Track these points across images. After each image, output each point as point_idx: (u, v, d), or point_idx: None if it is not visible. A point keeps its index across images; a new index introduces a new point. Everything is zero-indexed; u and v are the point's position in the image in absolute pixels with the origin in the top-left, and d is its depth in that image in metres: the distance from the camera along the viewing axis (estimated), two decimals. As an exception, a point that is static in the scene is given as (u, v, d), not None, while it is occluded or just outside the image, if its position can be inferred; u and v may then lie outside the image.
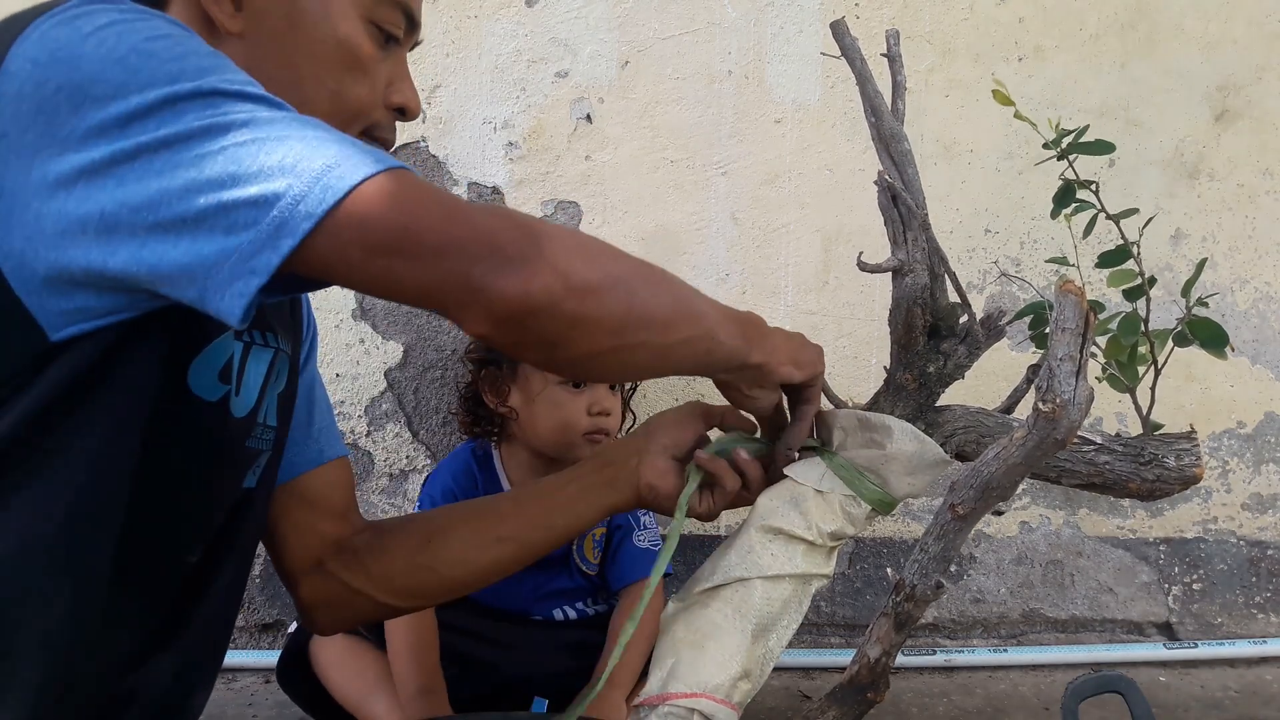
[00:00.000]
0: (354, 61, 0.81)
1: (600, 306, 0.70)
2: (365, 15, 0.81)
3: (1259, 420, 1.84)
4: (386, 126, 0.86)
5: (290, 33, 0.79)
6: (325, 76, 0.80)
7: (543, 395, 1.48)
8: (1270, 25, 1.77)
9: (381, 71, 0.84)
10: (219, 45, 0.78)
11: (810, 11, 1.73)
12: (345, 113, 0.82)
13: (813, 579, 0.91)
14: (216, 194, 0.62)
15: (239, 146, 0.62)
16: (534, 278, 0.65)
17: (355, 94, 0.82)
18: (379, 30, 0.82)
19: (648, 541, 1.54)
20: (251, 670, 1.68)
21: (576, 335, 0.70)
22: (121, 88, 0.62)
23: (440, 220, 0.64)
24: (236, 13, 0.78)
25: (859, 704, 0.92)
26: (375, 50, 0.82)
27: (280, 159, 0.62)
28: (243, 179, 0.62)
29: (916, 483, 0.91)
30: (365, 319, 1.75)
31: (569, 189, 1.74)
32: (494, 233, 0.65)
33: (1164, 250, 1.79)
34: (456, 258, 0.64)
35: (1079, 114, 1.74)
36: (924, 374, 0.96)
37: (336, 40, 0.80)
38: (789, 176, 1.75)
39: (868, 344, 1.78)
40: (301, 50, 0.79)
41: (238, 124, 0.63)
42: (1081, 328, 0.76)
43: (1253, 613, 1.85)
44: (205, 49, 0.67)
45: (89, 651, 0.73)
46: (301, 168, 0.62)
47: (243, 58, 0.77)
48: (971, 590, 1.83)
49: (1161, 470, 0.89)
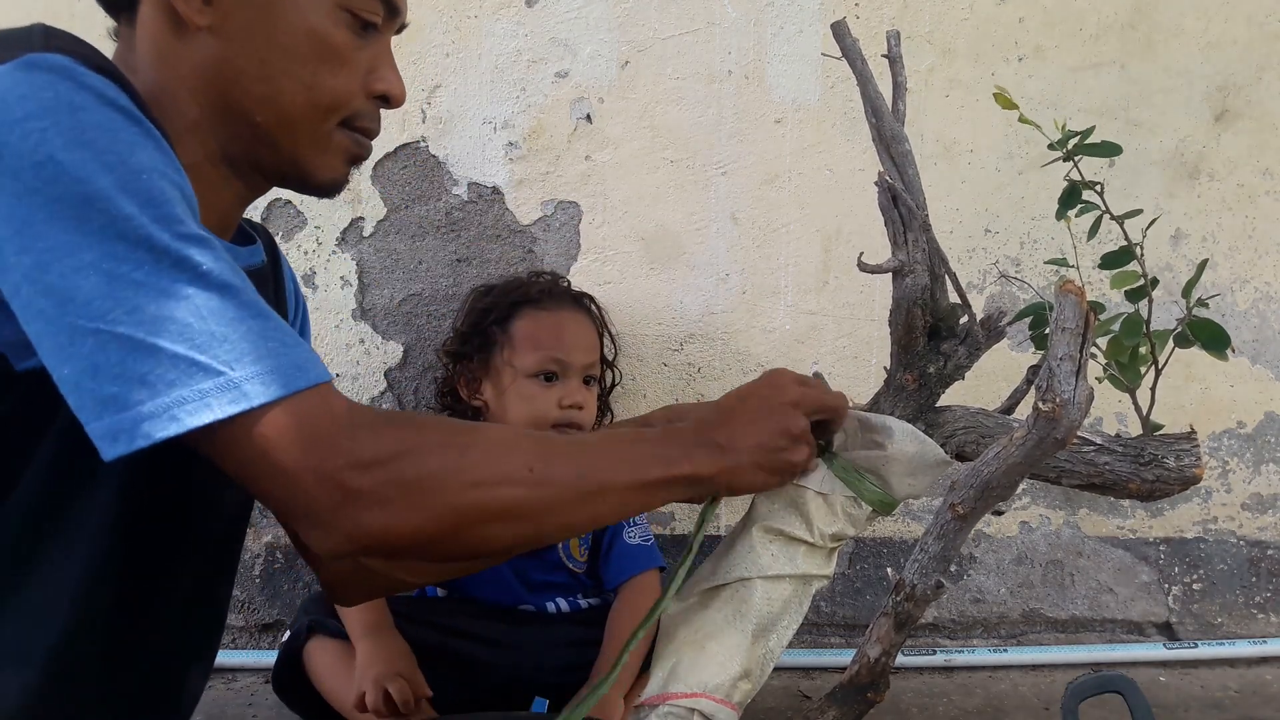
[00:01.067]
0: (328, 52, 0.79)
1: (449, 546, 0.70)
2: (339, 2, 0.79)
3: (1259, 420, 1.84)
4: (369, 115, 0.85)
5: (261, 25, 0.77)
6: (299, 69, 0.79)
7: (513, 388, 1.48)
8: (1270, 25, 1.77)
9: (361, 60, 0.82)
10: (186, 41, 0.77)
11: (810, 11, 1.73)
12: (322, 105, 0.80)
13: (813, 579, 0.91)
14: (154, 333, 0.61)
15: (168, 299, 0.62)
16: (356, 539, 0.66)
17: (331, 85, 0.80)
18: (355, 18, 0.80)
19: (639, 537, 1.54)
20: (251, 670, 1.68)
21: (447, 555, 0.72)
22: (50, 191, 0.61)
23: (297, 465, 0.64)
24: (205, 6, 0.77)
25: (859, 704, 0.92)
26: (352, 38, 0.81)
27: (205, 333, 0.62)
28: (166, 336, 0.61)
29: (917, 484, 0.91)
30: (365, 319, 1.75)
31: (569, 189, 1.74)
32: (326, 490, 0.65)
33: (1164, 250, 1.79)
34: (293, 506, 0.66)
35: (1079, 114, 1.74)
36: (924, 374, 0.96)
37: (308, 30, 0.78)
38: (789, 176, 1.75)
39: (868, 344, 1.78)
40: (273, 43, 0.78)
41: (184, 276, 0.62)
42: (1081, 328, 0.76)
43: (1253, 613, 1.85)
44: (137, 161, 0.64)
45: (90, 634, 0.75)
46: (220, 356, 0.62)
47: (212, 53, 0.77)
48: (971, 590, 1.83)
49: (1161, 471, 0.89)
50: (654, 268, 1.76)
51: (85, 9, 0.88)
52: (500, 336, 1.51)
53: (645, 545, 1.55)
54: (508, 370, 1.49)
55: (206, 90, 0.79)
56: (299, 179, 0.84)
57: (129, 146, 0.64)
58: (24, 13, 1.47)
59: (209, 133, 0.80)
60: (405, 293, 1.75)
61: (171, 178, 0.66)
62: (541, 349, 1.48)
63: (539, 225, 1.75)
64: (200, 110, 0.79)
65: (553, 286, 1.59)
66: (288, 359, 0.65)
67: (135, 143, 0.65)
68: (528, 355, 1.48)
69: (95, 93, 0.65)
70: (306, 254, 1.72)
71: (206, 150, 0.80)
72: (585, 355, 1.51)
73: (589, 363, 1.52)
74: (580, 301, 1.59)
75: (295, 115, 0.80)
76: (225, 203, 0.84)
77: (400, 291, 1.75)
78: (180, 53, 0.78)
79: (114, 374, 0.61)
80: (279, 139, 0.81)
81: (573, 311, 1.55)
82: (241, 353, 0.63)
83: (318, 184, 0.85)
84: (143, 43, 0.80)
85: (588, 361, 1.51)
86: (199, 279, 0.63)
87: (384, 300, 1.75)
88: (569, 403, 1.47)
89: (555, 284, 1.61)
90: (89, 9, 0.84)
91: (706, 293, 1.77)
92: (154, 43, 0.79)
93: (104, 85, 0.66)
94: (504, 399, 1.49)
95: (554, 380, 1.48)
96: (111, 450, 0.61)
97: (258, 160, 0.82)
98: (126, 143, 0.64)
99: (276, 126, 0.80)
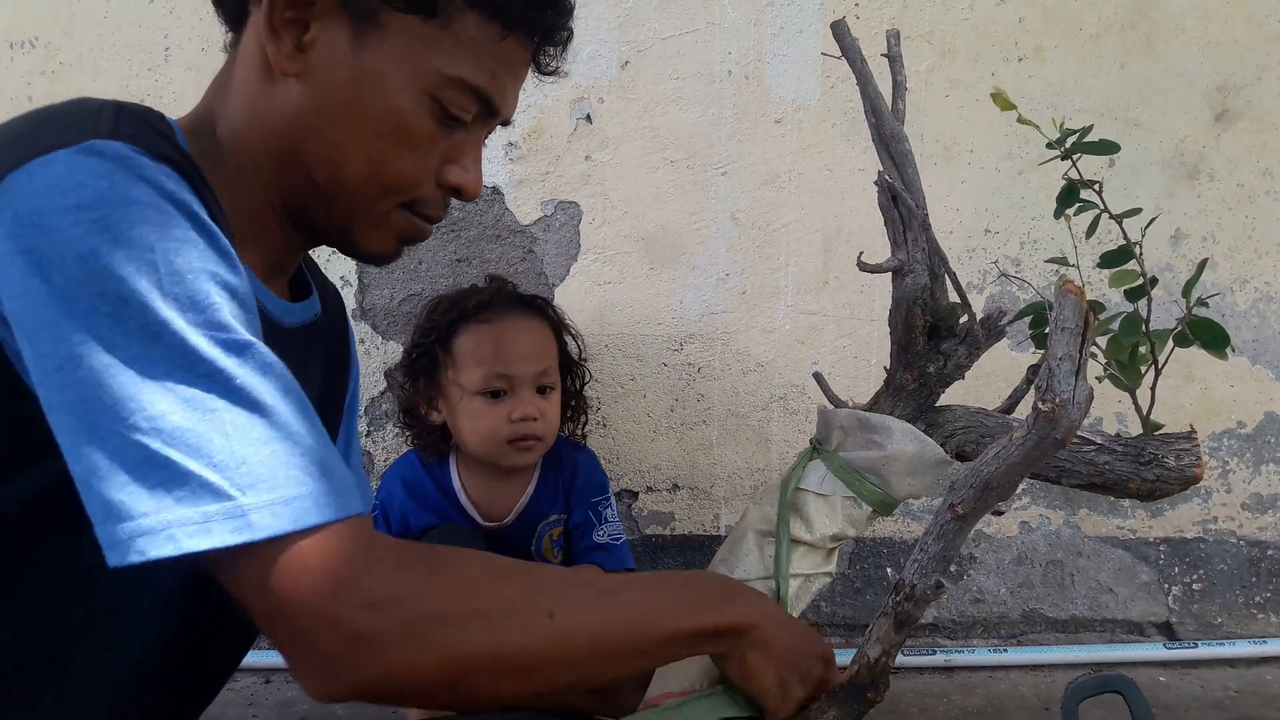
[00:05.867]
0: (404, 135, 0.77)
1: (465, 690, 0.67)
2: (429, 90, 0.76)
3: (1259, 420, 1.84)
4: (433, 203, 0.82)
5: (345, 89, 0.75)
6: (369, 143, 0.77)
7: (461, 406, 1.45)
8: (1270, 25, 1.77)
9: (437, 148, 0.79)
10: (273, 83, 0.76)
11: (810, 11, 1.73)
12: (383, 183, 0.78)
13: (814, 579, 0.91)
14: (170, 445, 0.59)
15: (194, 411, 0.60)
16: (344, 688, 0.64)
17: (397, 167, 0.78)
18: (443, 109, 0.77)
19: (608, 536, 1.51)
20: (251, 670, 1.68)
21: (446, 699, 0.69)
22: (90, 290, 0.59)
23: (295, 607, 0.61)
24: (297, 53, 0.75)
25: (859, 704, 0.91)
26: (433, 128, 0.78)
27: (225, 452, 0.59)
28: (183, 449, 0.59)
29: (917, 484, 0.91)
30: (365, 319, 1.75)
31: (569, 189, 1.74)
32: (324, 635, 0.62)
33: (1164, 250, 1.79)
34: (288, 646, 0.64)
35: (1079, 114, 1.73)
36: (924, 374, 0.96)
37: (389, 109, 0.76)
38: (789, 176, 1.75)
39: (868, 344, 1.78)
40: (352, 110, 0.76)
41: (215, 388, 0.60)
42: (1081, 327, 0.76)
43: (1253, 613, 1.85)
44: (185, 261, 0.62)
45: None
46: (235, 479, 0.59)
47: (292, 101, 0.76)
48: (971, 590, 1.83)
49: (1161, 470, 0.88)
50: (654, 268, 1.76)
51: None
52: (443, 356, 1.46)
53: (615, 544, 1.52)
54: (454, 389, 1.45)
55: (280, 137, 0.77)
56: (346, 245, 0.83)
57: (178, 245, 0.62)
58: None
59: (273, 178, 0.79)
60: (405, 293, 1.75)
61: (222, 278, 0.64)
62: (483, 365, 1.43)
63: (539, 225, 1.75)
64: (269, 155, 0.78)
65: (494, 297, 1.50)
66: (307, 490, 0.61)
67: (186, 240, 0.63)
68: (471, 373, 1.43)
69: (153, 185, 0.63)
70: (306, 254, 1.73)
71: (269, 195, 0.79)
72: (533, 364, 1.45)
73: (539, 371, 1.45)
74: (530, 306, 1.51)
75: (354, 186, 0.78)
76: (281, 249, 0.83)
77: (400, 291, 1.75)
78: (265, 92, 0.77)
79: (122, 482, 0.58)
80: (333, 203, 0.79)
81: (518, 320, 1.48)
82: (258, 478, 0.60)
83: (364, 254, 0.84)
84: (239, 70, 0.79)
85: (537, 370, 1.45)
86: (230, 393, 0.61)
87: (384, 300, 1.75)
88: (519, 416, 1.42)
89: (498, 293, 1.52)
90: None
91: (706, 293, 1.77)
92: (246, 75, 0.78)
93: (164, 176, 0.64)
94: (455, 416, 1.46)
95: (501, 396, 1.43)
96: (111, 558, 0.59)
97: (310, 217, 0.81)
98: (176, 240, 0.62)
99: (334, 191, 0.78)
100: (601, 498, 1.54)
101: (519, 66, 0.81)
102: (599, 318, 1.75)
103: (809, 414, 1.78)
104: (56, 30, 1.68)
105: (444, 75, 0.76)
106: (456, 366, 1.45)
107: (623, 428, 1.78)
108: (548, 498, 1.53)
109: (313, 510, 0.61)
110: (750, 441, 1.80)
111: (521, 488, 1.52)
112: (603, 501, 1.54)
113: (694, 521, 1.81)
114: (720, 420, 1.79)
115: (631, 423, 1.79)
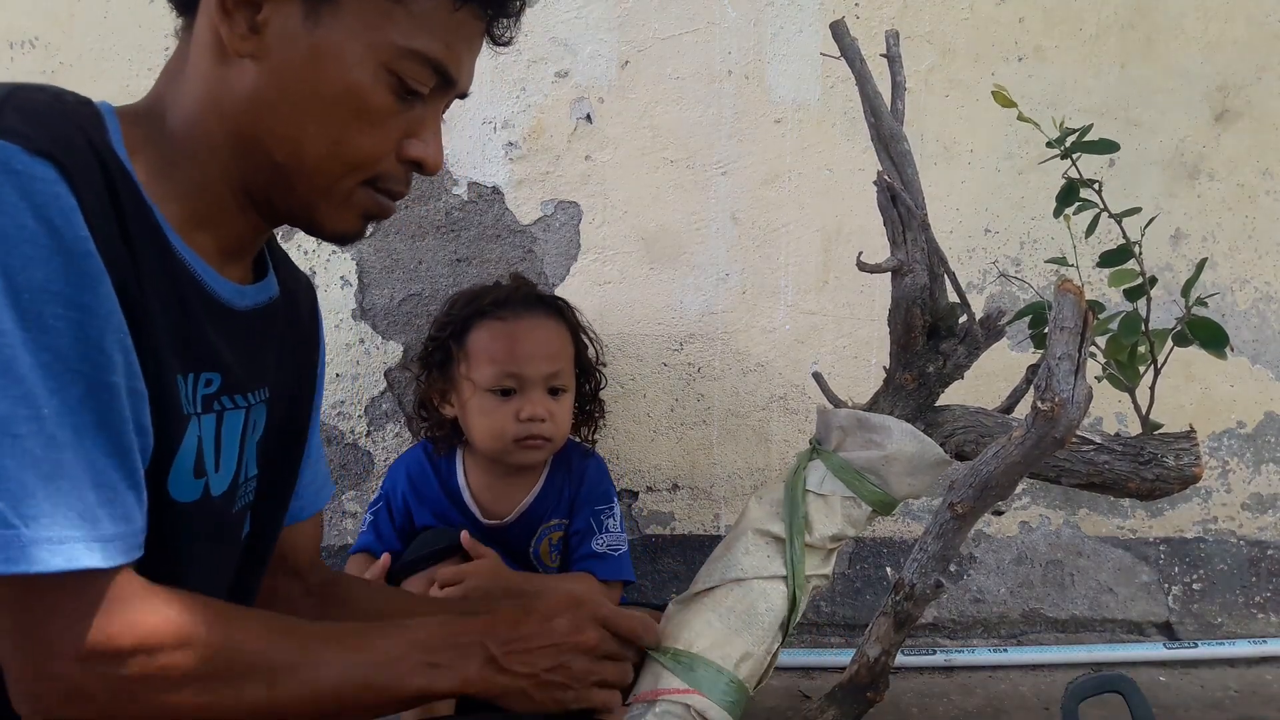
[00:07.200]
0: (363, 110, 0.76)
1: None
2: (385, 64, 0.76)
3: (1259, 420, 1.84)
4: (395, 178, 0.82)
5: (301, 67, 0.75)
6: (329, 121, 0.76)
7: (471, 402, 1.45)
8: (1270, 25, 1.77)
9: (396, 123, 0.79)
10: (227, 65, 0.76)
11: (810, 11, 1.73)
12: (344, 161, 0.78)
13: (812, 579, 0.91)
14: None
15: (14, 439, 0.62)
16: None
17: (358, 144, 0.77)
18: (400, 82, 0.77)
19: (606, 545, 1.51)
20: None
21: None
22: None
23: (36, 655, 0.65)
24: (251, 33, 0.75)
25: (859, 704, 0.92)
26: (392, 102, 0.77)
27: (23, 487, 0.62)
28: None
29: (917, 483, 0.91)
30: (365, 319, 1.75)
31: (569, 189, 1.74)
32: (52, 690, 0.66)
33: (1164, 250, 1.79)
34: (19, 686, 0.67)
35: (1079, 114, 1.73)
36: (924, 374, 0.96)
37: (347, 85, 0.75)
38: (789, 176, 1.75)
39: (868, 344, 1.78)
40: (309, 88, 0.75)
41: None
42: (1080, 327, 0.76)
43: (1253, 613, 1.85)
44: (28, 278, 0.63)
45: None
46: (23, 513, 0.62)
47: (248, 83, 0.75)
48: (971, 590, 1.83)
49: (1161, 470, 0.89)
50: (654, 268, 1.76)
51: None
52: (457, 350, 1.47)
53: (613, 555, 1.51)
54: (466, 384, 1.45)
55: (236, 118, 0.77)
56: (309, 225, 0.83)
57: (24, 262, 0.62)
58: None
59: (231, 160, 0.78)
60: (405, 293, 1.75)
61: (68, 296, 0.64)
62: (495, 363, 1.43)
63: (539, 225, 1.75)
64: (226, 136, 0.77)
65: (511, 295, 1.50)
66: (39, 532, 0.63)
67: (33, 259, 0.63)
68: (483, 369, 1.43)
69: (20, 191, 0.63)
70: (306, 254, 1.73)
71: (227, 177, 0.79)
72: (545, 365, 1.44)
73: (551, 372, 1.45)
74: (547, 307, 1.51)
75: (315, 165, 0.78)
76: (239, 231, 0.83)
77: (400, 291, 1.75)
78: (219, 75, 0.76)
79: None
80: (295, 183, 0.79)
81: (534, 319, 1.48)
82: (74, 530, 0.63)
83: (327, 233, 0.83)
84: (192, 55, 0.78)
85: (549, 371, 1.45)
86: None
87: (384, 300, 1.75)
88: (527, 415, 1.42)
89: (515, 292, 1.52)
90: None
91: (706, 293, 1.77)
92: (199, 60, 0.77)
93: (37, 180, 0.63)
94: (466, 412, 1.46)
95: (511, 394, 1.43)
96: None
97: (271, 198, 0.80)
98: (23, 258, 0.62)
99: (295, 171, 0.78)
100: (605, 506, 1.53)
101: (474, 37, 0.81)
102: (599, 318, 1.74)
103: (809, 414, 1.78)
104: (56, 30, 1.68)
105: (399, 48, 0.76)
106: (469, 362, 1.46)
107: (623, 428, 1.79)
108: (552, 501, 1.53)
109: (27, 556, 0.63)
110: (750, 441, 1.80)
111: (527, 488, 1.52)
112: (605, 510, 1.53)
113: (694, 521, 1.81)
114: (720, 420, 1.79)
115: (631, 422, 1.79)
